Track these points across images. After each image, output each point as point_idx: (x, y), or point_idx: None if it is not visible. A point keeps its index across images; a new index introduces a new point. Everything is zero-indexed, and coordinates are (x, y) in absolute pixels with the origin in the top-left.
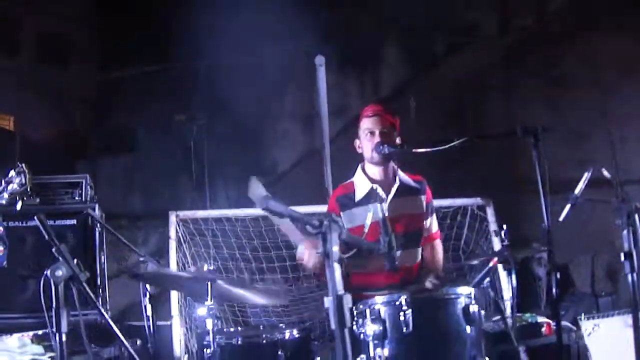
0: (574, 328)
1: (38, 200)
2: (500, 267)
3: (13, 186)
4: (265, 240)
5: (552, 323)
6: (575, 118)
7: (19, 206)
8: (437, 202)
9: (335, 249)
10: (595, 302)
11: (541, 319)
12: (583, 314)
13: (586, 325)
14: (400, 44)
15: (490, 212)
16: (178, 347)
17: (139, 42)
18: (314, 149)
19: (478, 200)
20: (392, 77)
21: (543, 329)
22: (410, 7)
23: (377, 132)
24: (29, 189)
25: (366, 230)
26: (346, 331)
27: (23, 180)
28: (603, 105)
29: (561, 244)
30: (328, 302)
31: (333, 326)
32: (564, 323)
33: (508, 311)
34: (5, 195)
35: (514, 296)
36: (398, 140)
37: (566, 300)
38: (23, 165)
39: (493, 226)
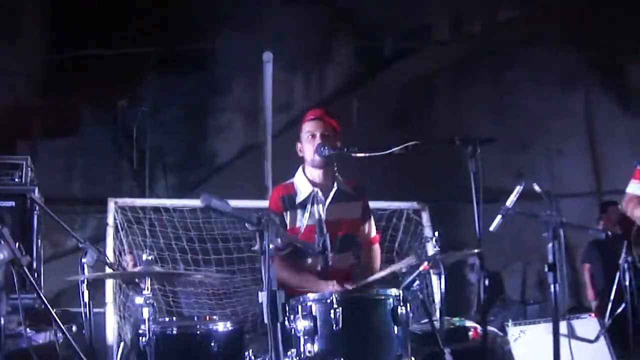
0: (500, 334)
1: None
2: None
3: None
4: (202, 232)
5: (479, 328)
6: (518, 128)
7: None
8: (373, 204)
9: (272, 246)
10: (524, 310)
11: (469, 323)
12: (510, 320)
13: (513, 331)
14: (349, 44)
15: (425, 217)
16: (111, 334)
17: (90, 23)
18: (256, 143)
19: (414, 205)
20: (339, 77)
21: (470, 333)
22: (362, 8)
23: (318, 135)
24: None
25: (301, 231)
26: (278, 325)
27: None
28: (545, 117)
29: (494, 252)
30: (262, 297)
31: (266, 320)
32: (491, 328)
33: (437, 314)
34: None
35: (442, 300)
36: (339, 144)
37: (496, 307)
38: None
39: (428, 230)
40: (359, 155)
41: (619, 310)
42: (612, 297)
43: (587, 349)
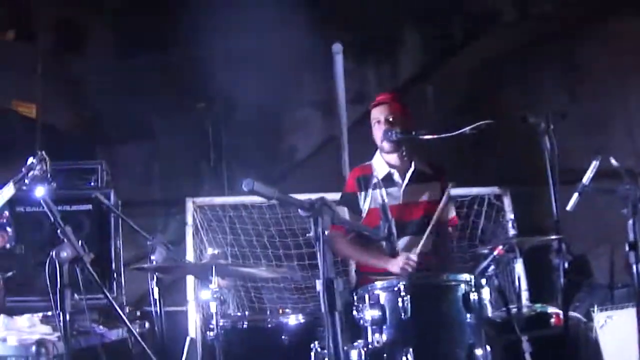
0: (584, 320)
1: (54, 185)
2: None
3: (34, 173)
4: (282, 227)
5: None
6: (594, 106)
7: (39, 192)
8: (453, 191)
9: (327, 232)
10: (612, 294)
11: (551, 310)
12: (596, 306)
13: (599, 317)
14: (418, 30)
15: (507, 202)
16: (194, 332)
17: (158, 28)
18: (332, 136)
19: (495, 190)
20: (410, 64)
21: (552, 320)
22: None
23: (382, 120)
24: (49, 176)
25: (364, 215)
26: (337, 315)
27: (44, 167)
28: (623, 93)
29: (579, 235)
30: (319, 285)
31: (323, 310)
32: (574, 314)
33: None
34: (27, 181)
35: (519, 285)
36: (408, 127)
37: (582, 291)
38: (43, 152)
39: (510, 216)
40: (427, 137)
41: None
42: None
43: None
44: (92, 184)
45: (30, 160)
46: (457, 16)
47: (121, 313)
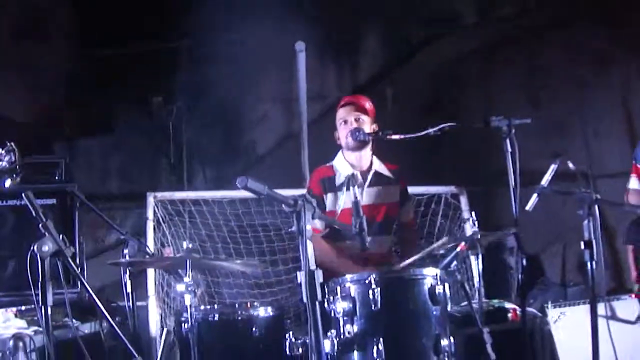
0: (540, 315)
1: (18, 179)
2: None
3: (2, 164)
4: (242, 222)
5: (519, 309)
6: (553, 111)
7: (7, 183)
8: (411, 189)
9: (309, 227)
10: (564, 292)
11: (508, 305)
12: (550, 302)
13: (552, 313)
14: (379, 32)
15: (464, 201)
16: (154, 326)
17: (120, 20)
18: (293, 133)
19: (452, 189)
20: (371, 64)
21: (509, 314)
22: None
23: (350, 120)
24: (17, 167)
25: (338, 213)
26: (317, 304)
27: (12, 159)
28: (580, 99)
29: (533, 234)
30: (300, 276)
31: (304, 300)
32: (531, 310)
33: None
34: None
35: (480, 280)
36: (374, 127)
37: (535, 289)
38: (12, 144)
39: (466, 214)
40: (393, 137)
41: None
42: None
43: (627, 330)
44: (57, 177)
45: (0, 151)
46: (418, 17)
47: (102, 307)
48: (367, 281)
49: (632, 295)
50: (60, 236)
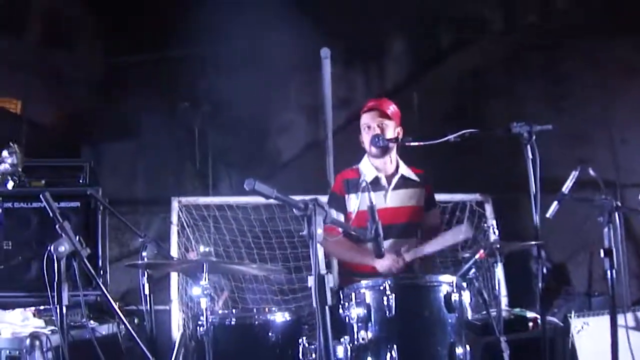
0: (561, 324)
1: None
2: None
3: (5, 166)
4: (266, 227)
5: (540, 318)
6: (578, 118)
7: (10, 185)
8: (436, 197)
9: (320, 231)
10: (589, 301)
11: (530, 314)
12: (574, 312)
13: (576, 323)
14: (405, 37)
15: (489, 209)
16: (176, 330)
17: (146, 26)
18: (318, 140)
19: (477, 196)
20: (397, 70)
21: (530, 324)
22: (417, 1)
23: (373, 126)
24: (20, 169)
25: (353, 216)
26: (327, 309)
27: (15, 160)
28: (605, 106)
29: (559, 243)
30: (311, 281)
31: (314, 304)
32: (552, 319)
33: (503, 304)
34: None
35: (499, 288)
36: (398, 132)
37: (561, 298)
38: (15, 145)
39: (491, 222)
40: (413, 144)
41: None
42: None
43: None
44: (81, 181)
45: (4, 153)
46: (445, 24)
47: (117, 308)
48: (381, 287)
49: None
50: (77, 237)
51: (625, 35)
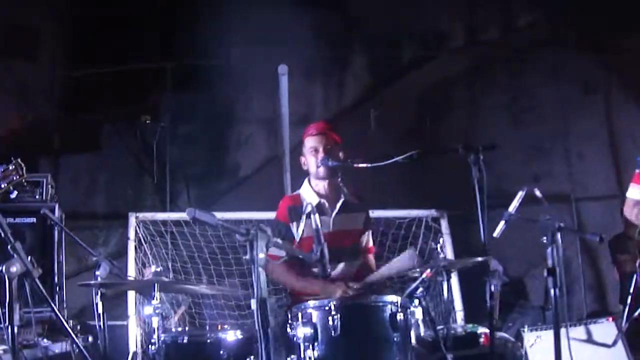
0: (512, 339)
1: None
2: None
3: (13, 180)
4: (223, 244)
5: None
6: (537, 133)
7: (14, 195)
8: (392, 213)
9: (261, 255)
10: (543, 315)
11: (481, 330)
12: (527, 326)
13: (529, 337)
14: (365, 53)
15: (444, 224)
16: (133, 345)
17: (107, 40)
18: (277, 155)
19: (433, 212)
20: (356, 87)
21: (481, 339)
22: (377, 17)
23: (320, 149)
24: (24, 182)
25: (297, 241)
26: (269, 331)
27: (21, 172)
28: (564, 122)
29: (516, 258)
30: (253, 304)
31: (256, 327)
32: (502, 334)
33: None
34: (3, 185)
35: (448, 305)
36: (341, 156)
37: (515, 312)
38: (19, 160)
39: (447, 238)
40: (361, 165)
41: (637, 313)
42: (629, 300)
43: (604, 353)
44: (37, 197)
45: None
46: (405, 39)
47: (67, 327)
48: (327, 307)
49: (609, 319)
50: (30, 258)
51: (585, 51)
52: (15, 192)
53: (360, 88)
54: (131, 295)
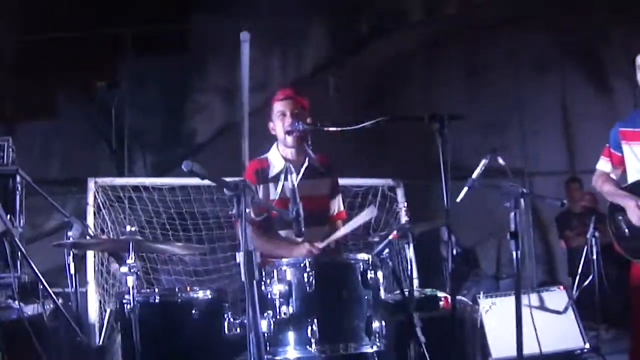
0: (471, 303)
1: None
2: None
3: None
4: (181, 209)
5: (450, 297)
6: (494, 108)
7: None
8: (349, 181)
9: (248, 210)
10: (497, 284)
11: (441, 294)
12: (482, 293)
13: (484, 303)
14: (325, 23)
15: (400, 194)
16: (94, 312)
17: (65, 3)
18: (234, 122)
19: (389, 182)
20: (315, 56)
21: (441, 303)
22: None
23: (288, 113)
24: None
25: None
26: (255, 284)
27: None
28: (519, 98)
29: (470, 228)
30: (239, 257)
31: (243, 279)
32: (462, 299)
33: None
34: None
35: (411, 268)
36: (309, 121)
37: (469, 280)
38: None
39: (402, 205)
40: (331, 129)
41: (586, 282)
42: (579, 270)
43: (556, 320)
44: None
45: None
46: (365, 11)
47: (47, 286)
48: (302, 265)
49: (561, 287)
50: (8, 216)
51: (542, 29)
52: None
53: (319, 58)
54: (90, 261)
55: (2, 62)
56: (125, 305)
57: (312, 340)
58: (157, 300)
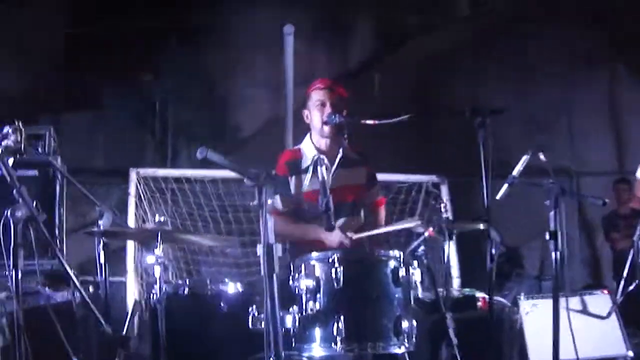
0: (509, 305)
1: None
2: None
3: (7, 142)
4: (223, 202)
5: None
6: (539, 106)
7: (10, 162)
8: (392, 177)
9: (270, 201)
10: (539, 285)
11: (479, 294)
12: (523, 294)
13: (524, 305)
14: (372, 18)
15: (444, 190)
16: (131, 302)
17: None
18: (279, 116)
19: (433, 178)
20: (361, 50)
21: (478, 303)
22: None
23: (328, 103)
24: (22, 148)
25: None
26: (274, 277)
27: (18, 138)
28: (567, 96)
29: (514, 229)
30: (259, 249)
31: (262, 272)
32: (501, 300)
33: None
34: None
35: (448, 266)
36: (346, 113)
37: (512, 281)
38: (20, 123)
39: (444, 201)
40: (368, 122)
41: (632, 287)
42: (625, 274)
43: (598, 325)
44: (39, 149)
45: (7, 129)
46: (412, 5)
47: (72, 274)
48: (330, 260)
49: (604, 291)
50: (34, 203)
51: (591, 26)
52: (12, 159)
53: (364, 52)
54: (130, 251)
55: (50, 54)
56: (152, 296)
57: (338, 338)
58: (186, 292)
